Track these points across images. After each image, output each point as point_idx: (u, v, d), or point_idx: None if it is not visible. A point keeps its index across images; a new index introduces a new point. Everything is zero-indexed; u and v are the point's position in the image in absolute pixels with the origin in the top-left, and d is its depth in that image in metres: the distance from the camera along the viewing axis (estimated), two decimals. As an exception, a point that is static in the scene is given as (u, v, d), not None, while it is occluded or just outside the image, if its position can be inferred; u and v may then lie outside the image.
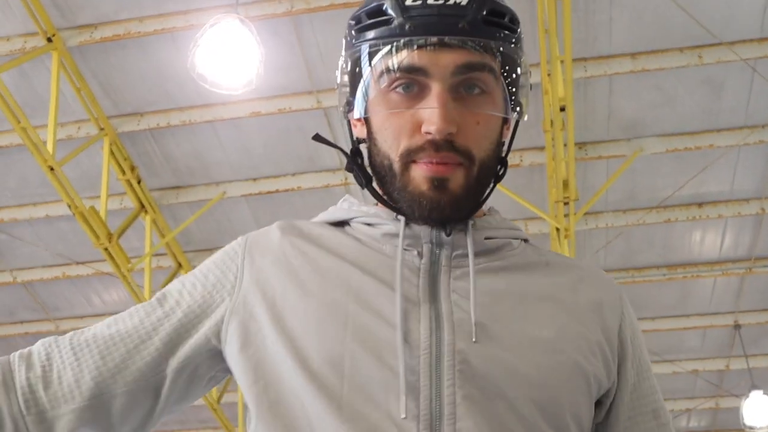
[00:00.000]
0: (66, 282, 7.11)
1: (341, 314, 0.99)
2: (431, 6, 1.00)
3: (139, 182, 6.05)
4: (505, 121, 1.10)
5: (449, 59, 1.00)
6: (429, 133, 0.99)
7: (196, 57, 4.47)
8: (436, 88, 0.99)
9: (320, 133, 1.19)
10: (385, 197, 1.08)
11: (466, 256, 1.04)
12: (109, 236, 5.74)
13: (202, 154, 6.05)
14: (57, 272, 6.94)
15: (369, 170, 1.10)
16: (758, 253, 6.74)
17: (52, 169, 5.30)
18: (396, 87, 1.01)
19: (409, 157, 1.01)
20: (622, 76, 5.42)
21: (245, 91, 4.68)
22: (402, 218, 1.05)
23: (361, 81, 1.05)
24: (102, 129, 5.72)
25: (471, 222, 1.07)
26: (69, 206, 5.57)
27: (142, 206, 6.14)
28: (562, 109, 4.95)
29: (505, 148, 1.11)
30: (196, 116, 5.72)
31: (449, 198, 1.01)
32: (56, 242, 6.68)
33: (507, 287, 1.03)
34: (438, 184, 1.00)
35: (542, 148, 5.78)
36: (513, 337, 0.98)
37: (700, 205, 6.33)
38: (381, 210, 1.10)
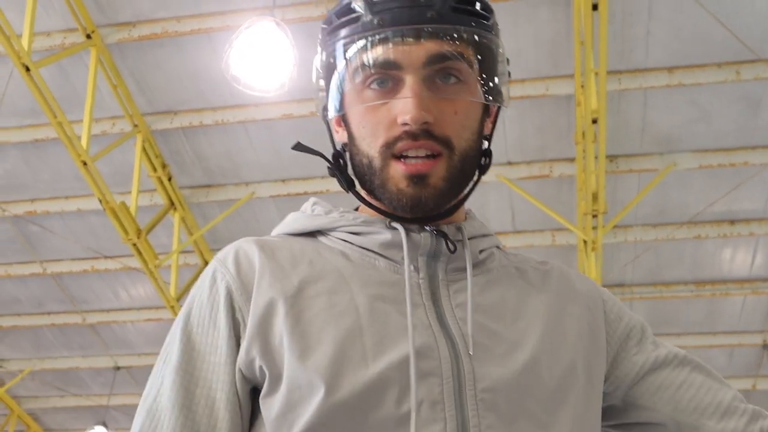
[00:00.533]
0: (94, 275, 7.20)
1: (358, 349, 0.93)
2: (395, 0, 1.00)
3: (169, 180, 6.11)
4: (487, 111, 1.08)
5: (421, 50, 0.99)
6: (405, 124, 0.98)
7: (230, 58, 4.51)
8: (409, 80, 0.98)
9: None
10: (369, 199, 1.05)
11: (462, 269, 1.03)
12: (138, 232, 5.80)
13: (233, 154, 6.10)
14: (86, 265, 7.03)
15: (352, 175, 1.09)
16: (790, 274, 6.64)
17: (85, 163, 5.38)
18: (370, 83, 1.00)
19: (388, 151, 0.99)
20: (658, 90, 5.38)
21: (278, 93, 4.71)
22: (400, 227, 1.02)
23: (335, 81, 1.04)
24: (136, 126, 5.79)
25: (458, 227, 1.05)
26: (100, 201, 5.64)
27: (172, 203, 6.20)
28: (594, 122, 4.92)
29: (486, 141, 1.10)
30: (229, 116, 5.77)
31: (430, 192, 1.00)
32: (86, 236, 6.76)
33: (501, 300, 1.03)
34: (417, 180, 0.99)
35: (573, 160, 5.74)
36: (518, 352, 0.97)
37: (731, 222, 6.25)
38: (366, 215, 1.06)
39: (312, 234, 1.08)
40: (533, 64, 5.34)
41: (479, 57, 1.03)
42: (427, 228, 1.03)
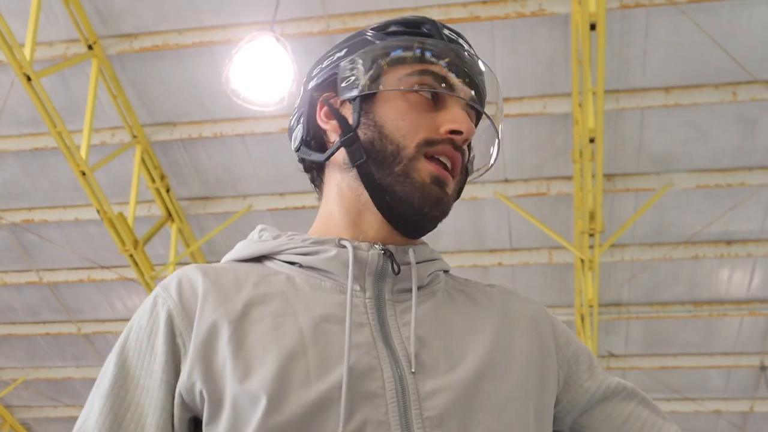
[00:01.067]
0: (90, 285, 7.19)
1: (301, 370, 0.93)
2: (460, 43, 1.12)
3: (168, 191, 6.12)
4: None
5: (468, 91, 1.09)
6: (455, 131, 1.04)
7: (230, 72, 4.53)
8: (456, 103, 1.07)
9: None
10: (361, 186, 1.06)
11: (408, 290, 1.04)
12: (135, 243, 5.81)
13: (231, 167, 6.11)
14: (82, 275, 7.03)
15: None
16: (786, 295, 6.64)
17: (84, 173, 5.39)
18: (421, 90, 1.05)
19: (426, 147, 1.03)
20: (655, 110, 5.40)
21: (277, 107, 4.73)
22: (348, 244, 1.03)
23: (384, 68, 1.06)
24: (135, 137, 5.81)
25: (406, 249, 1.07)
26: (98, 211, 5.64)
27: (170, 215, 6.21)
28: (592, 140, 4.95)
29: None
30: (228, 129, 5.79)
31: (447, 198, 1.05)
32: (83, 245, 6.77)
33: (447, 320, 1.04)
34: (440, 183, 1.04)
35: (570, 178, 5.76)
36: (463, 369, 0.98)
37: (728, 242, 6.26)
38: (316, 236, 1.07)
39: (258, 260, 1.09)
40: (531, 82, 5.37)
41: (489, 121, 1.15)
42: (377, 247, 1.04)
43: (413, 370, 0.95)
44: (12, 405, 8.70)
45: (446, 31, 1.11)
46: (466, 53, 1.10)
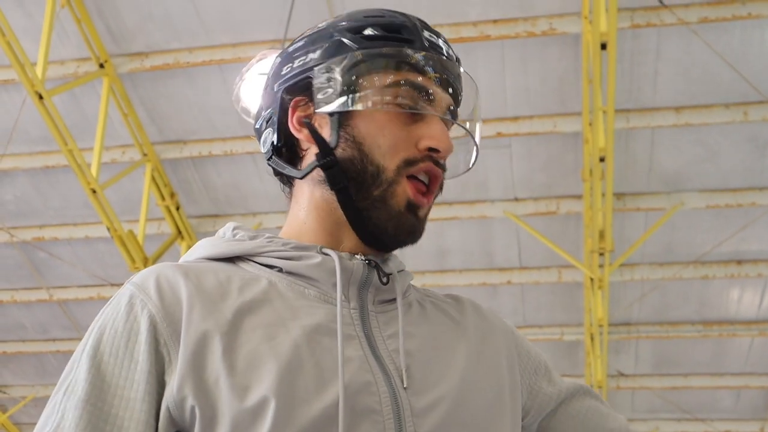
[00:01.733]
0: (100, 303, 7.18)
1: (300, 385, 0.90)
2: (441, 47, 1.06)
3: (177, 209, 6.14)
4: None
5: (448, 99, 1.06)
6: (434, 149, 1.01)
7: (240, 90, 4.55)
8: (437, 117, 1.03)
9: None
10: (336, 207, 1.03)
11: (388, 301, 1.02)
12: (145, 260, 5.81)
13: (241, 185, 6.13)
14: (92, 293, 7.04)
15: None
16: (798, 316, 6.60)
17: (94, 191, 5.41)
18: (401, 100, 1.01)
19: (404, 170, 1.00)
20: (665, 129, 5.40)
21: (287, 125, 4.74)
22: (333, 253, 0.99)
23: (363, 81, 1.01)
24: (145, 155, 5.83)
25: (384, 259, 1.05)
26: (108, 229, 5.66)
27: (179, 232, 6.22)
28: (602, 159, 4.94)
29: None
30: (238, 147, 5.81)
31: (421, 225, 1.03)
32: (93, 263, 6.78)
33: (428, 332, 1.03)
34: (413, 209, 1.01)
35: (580, 197, 5.75)
36: (450, 382, 0.98)
37: (739, 262, 6.23)
38: (296, 241, 1.04)
39: (231, 260, 1.03)
40: (541, 101, 5.37)
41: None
42: (359, 257, 1.01)
43: (405, 386, 0.94)
44: (21, 423, 8.69)
45: (426, 34, 1.05)
46: (445, 56, 1.05)
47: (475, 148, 1.12)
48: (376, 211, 1.00)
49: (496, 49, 5.14)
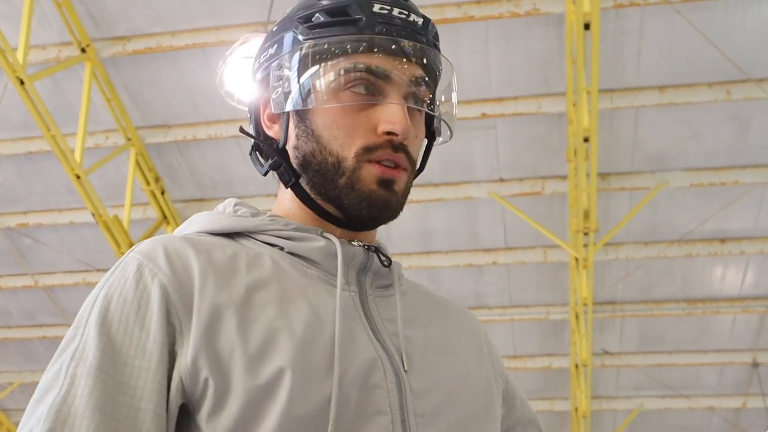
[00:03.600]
0: (86, 288, 7.18)
1: (314, 361, 0.91)
2: (396, 17, 1.02)
3: (162, 193, 6.12)
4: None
5: (409, 69, 1.01)
6: (391, 133, 0.98)
7: (224, 74, 4.52)
8: (395, 93, 1.00)
9: None
10: (313, 196, 1.03)
11: (384, 286, 1.04)
12: (131, 245, 5.78)
13: (226, 169, 6.11)
14: (78, 278, 7.02)
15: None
16: (780, 292, 6.67)
17: (78, 176, 5.38)
18: (353, 86, 0.99)
19: (365, 156, 0.99)
20: (649, 109, 5.42)
21: (272, 108, 4.72)
22: (334, 237, 1.01)
23: (309, 74, 1.00)
24: (129, 139, 5.80)
25: (378, 245, 1.07)
26: (93, 214, 5.64)
27: (165, 217, 6.20)
28: (586, 140, 4.96)
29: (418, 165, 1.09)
30: (223, 131, 5.79)
31: (396, 198, 1.01)
32: (78, 249, 6.76)
33: (424, 318, 1.06)
34: (386, 184, 0.99)
35: (564, 177, 5.78)
36: (448, 368, 1.01)
37: (722, 240, 6.29)
38: (296, 222, 1.04)
39: (231, 235, 1.03)
40: (525, 81, 5.38)
41: (434, 93, 1.07)
42: (355, 243, 1.03)
43: (406, 369, 0.96)
44: (8, 408, 8.68)
45: (377, 7, 1.01)
46: (400, 26, 1.01)
47: (444, 122, 1.09)
48: (347, 197, 0.99)
49: (480, 29, 5.13)
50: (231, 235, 1.03)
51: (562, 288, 6.74)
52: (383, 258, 1.04)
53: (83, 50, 5.29)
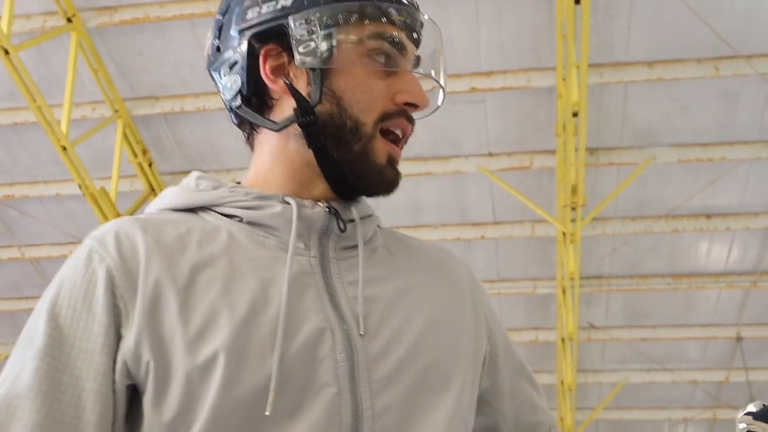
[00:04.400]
0: (73, 261, 7.15)
1: (255, 339, 0.90)
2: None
3: (150, 165, 6.08)
4: None
5: (413, 49, 1.05)
6: (410, 104, 1.01)
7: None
8: (408, 67, 1.03)
9: None
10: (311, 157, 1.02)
11: (351, 248, 1.02)
12: (118, 217, 5.77)
13: (214, 141, 6.08)
14: (64, 250, 6.99)
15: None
16: (764, 268, 6.73)
17: (64, 148, 5.34)
18: (376, 54, 1.00)
19: (382, 122, 1.00)
20: (638, 84, 5.42)
21: (260, 80, 4.70)
22: (293, 201, 0.99)
23: (347, 34, 1.00)
24: (116, 111, 5.75)
25: (347, 206, 1.04)
26: (80, 186, 5.60)
27: (152, 189, 6.17)
28: (575, 114, 4.96)
29: None
30: (211, 103, 5.75)
31: (399, 178, 1.04)
32: (65, 221, 6.72)
33: (391, 279, 1.03)
34: (392, 162, 1.02)
35: (553, 152, 5.78)
36: (409, 333, 0.98)
37: (708, 216, 6.32)
38: (258, 190, 1.02)
39: (193, 210, 1.02)
40: (515, 56, 5.36)
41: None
42: (321, 204, 1.01)
43: (361, 333, 0.94)
44: (-6, 380, 8.68)
45: None
46: (407, 4, 1.04)
47: (441, 90, 1.10)
48: (360, 165, 1.00)
49: (470, 3, 5.10)
50: (195, 210, 1.02)
51: (550, 262, 6.78)
52: (341, 221, 1.01)
53: (69, 20, 5.22)
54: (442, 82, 1.08)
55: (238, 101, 1.05)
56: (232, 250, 0.96)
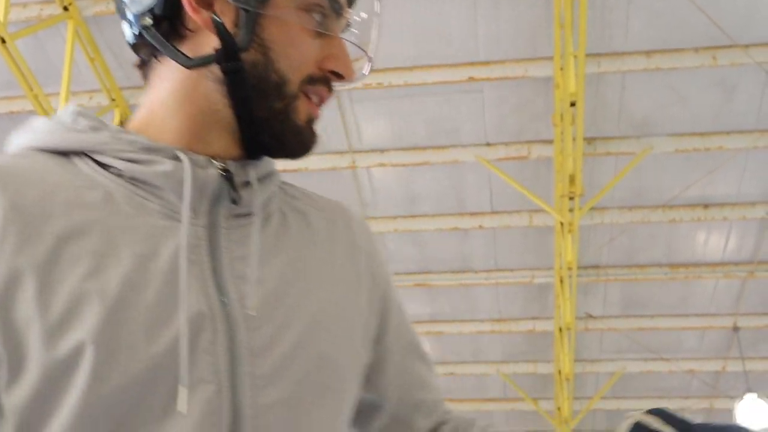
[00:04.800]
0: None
1: (127, 327, 0.76)
2: None
3: (147, 155, 6.08)
4: None
5: (349, 13, 0.95)
6: (336, 73, 0.91)
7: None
8: (339, 35, 0.93)
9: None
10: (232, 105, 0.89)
11: (243, 215, 0.88)
12: None
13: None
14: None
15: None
16: (761, 257, 6.75)
17: (62, 137, 5.33)
18: (313, 11, 0.90)
19: (305, 85, 0.90)
20: (636, 74, 5.42)
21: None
22: (185, 157, 0.84)
23: None
24: (113, 100, 5.74)
25: (244, 164, 0.90)
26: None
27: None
28: (573, 104, 4.96)
29: None
30: (208, 92, 5.74)
31: (317, 140, 0.94)
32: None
33: (284, 252, 0.91)
34: (311, 124, 0.92)
35: (550, 142, 5.78)
36: (301, 317, 0.87)
37: (705, 206, 6.33)
38: (146, 139, 0.86)
39: (66, 154, 0.85)
40: (512, 45, 5.35)
41: None
42: (215, 163, 0.87)
43: (245, 320, 0.82)
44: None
45: None
46: None
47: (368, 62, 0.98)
48: (279, 124, 0.89)
49: (468, -8, 5.09)
50: (67, 153, 0.85)
51: (547, 252, 6.79)
52: (233, 189, 0.88)
53: (65, 8, 5.20)
54: (371, 53, 0.96)
55: (148, 20, 0.90)
56: (108, 216, 0.81)
